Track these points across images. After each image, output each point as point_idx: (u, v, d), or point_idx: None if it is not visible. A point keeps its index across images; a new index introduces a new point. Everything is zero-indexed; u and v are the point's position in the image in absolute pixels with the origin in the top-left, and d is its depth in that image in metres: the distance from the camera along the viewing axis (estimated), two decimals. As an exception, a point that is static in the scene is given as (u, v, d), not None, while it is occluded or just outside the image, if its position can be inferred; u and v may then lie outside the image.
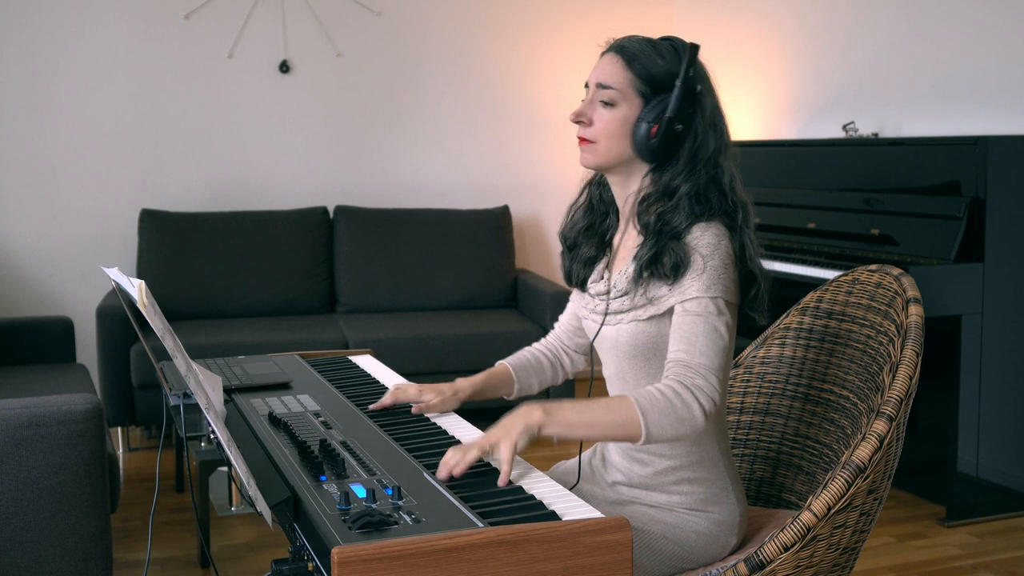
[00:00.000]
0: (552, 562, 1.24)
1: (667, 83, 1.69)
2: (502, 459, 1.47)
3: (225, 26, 4.77)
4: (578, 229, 1.87)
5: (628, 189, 1.77)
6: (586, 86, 1.76)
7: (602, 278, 1.80)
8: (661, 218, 1.68)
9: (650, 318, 1.68)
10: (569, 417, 1.55)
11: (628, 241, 1.77)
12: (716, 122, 1.73)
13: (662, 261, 1.64)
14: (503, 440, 1.49)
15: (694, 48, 1.69)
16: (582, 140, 1.74)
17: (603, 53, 1.76)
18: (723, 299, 1.62)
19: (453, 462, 1.46)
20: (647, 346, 1.70)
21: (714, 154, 1.71)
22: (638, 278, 1.67)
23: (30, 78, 4.53)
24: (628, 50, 1.72)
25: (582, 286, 1.84)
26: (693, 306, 1.61)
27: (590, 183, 1.88)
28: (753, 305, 1.71)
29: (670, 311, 1.66)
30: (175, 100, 4.74)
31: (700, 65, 1.72)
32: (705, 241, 1.64)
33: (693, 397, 1.54)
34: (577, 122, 1.74)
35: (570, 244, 1.88)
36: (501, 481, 1.44)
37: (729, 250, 1.66)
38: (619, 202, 1.81)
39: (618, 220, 1.84)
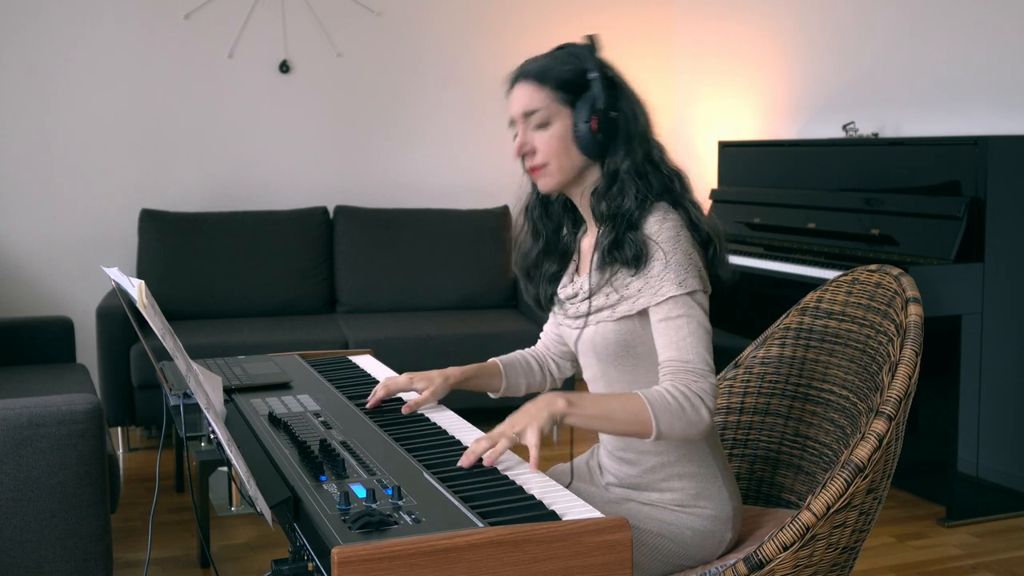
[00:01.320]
0: (552, 562, 1.24)
1: (582, 81, 1.72)
2: (529, 444, 1.50)
3: (225, 26, 4.77)
4: (531, 258, 1.89)
5: (583, 190, 1.79)
6: (511, 124, 1.78)
7: (572, 281, 1.83)
8: (611, 204, 1.71)
9: (620, 319, 1.70)
10: (589, 410, 1.59)
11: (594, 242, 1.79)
12: (636, 98, 1.76)
13: (623, 248, 1.67)
14: (529, 426, 1.52)
15: (594, 38, 1.74)
16: (534, 170, 1.75)
17: (510, 88, 1.77)
18: (700, 291, 1.65)
19: (481, 450, 1.50)
20: (619, 345, 1.72)
21: (644, 128, 1.75)
22: (602, 264, 1.70)
23: (30, 78, 4.53)
24: (532, 71, 1.73)
25: (551, 301, 1.86)
26: (672, 307, 1.64)
27: (527, 208, 1.90)
28: (715, 262, 1.73)
29: (643, 312, 1.68)
30: (175, 100, 4.74)
31: (601, 53, 1.75)
32: (664, 236, 1.66)
33: (700, 401, 1.58)
34: (522, 155, 1.75)
35: (526, 271, 1.90)
36: (531, 466, 1.48)
37: (689, 239, 1.68)
38: (582, 210, 1.82)
39: (577, 228, 1.87)
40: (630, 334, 1.70)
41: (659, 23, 5.40)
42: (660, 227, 1.67)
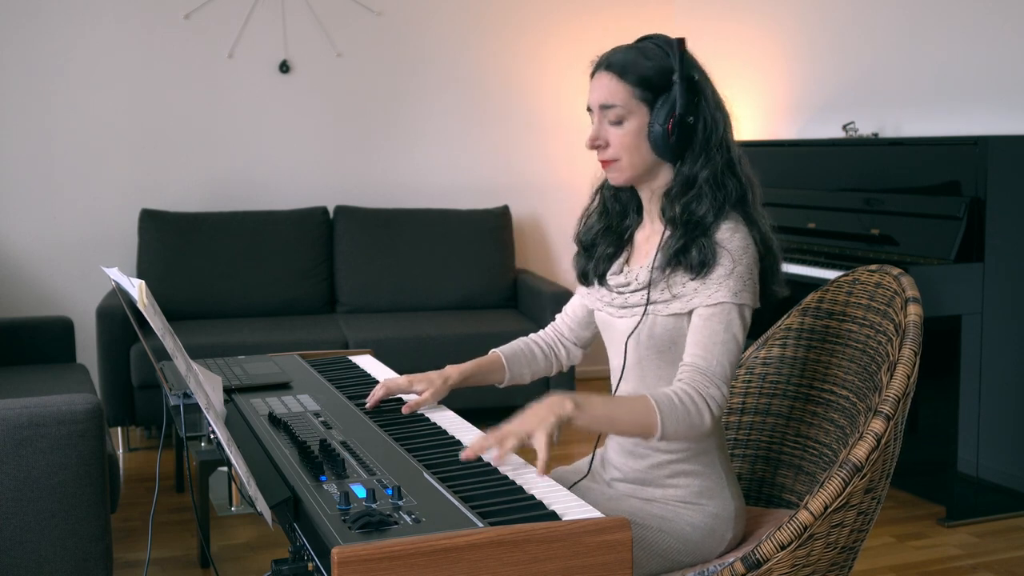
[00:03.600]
0: (552, 562, 1.24)
1: (663, 81, 1.72)
2: (539, 448, 1.50)
3: (225, 26, 4.77)
4: (595, 232, 1.90)
5: (654, 187, 1.80)
6: (588, 110, 1.78)
7: (622, 271, 1.83)
8: (686, 209, 1.71)
9: (671, 315, 1.71)
10: (598, 412, 1.59)
11: (653, 237, 1.80)
12: (718, 103, 1.78)
13: (690, 254, 1.68)
14: (538, 430, 1.51)
15: (681, 42, 1.73)
16: (605, 163, 1.77)
17: (593, 73, 1.78)
18: (748, 306, 1.68)
19: (487, 446, 1.50)
20: (664, 340, 1.73)
21: (724, 134, 1.76)
22: (664, 267, 1.71)
23: (31, 78, 4.53)
24: (616, 63, 1.73)
25: (600, 279, 1.86)
26: (718, 312, 1.66)
27: (602, 187, 1.91)
28: (775, 279, 1.77)
29: (693, 312, 1.69)
30: (175, 100, 4.74)
31: (688, 54, 1.74)
32: (735, 245, 1.68)
33: (706, 405, 1.61)
34: (594, 147, 1.76)
35: (587, 245, 1.91)
36: (540, 470, 1.47)
37: (755, 254, 1.70)
38: (645, 201, 1.84)
39: (639, 218, 1.87)
40: (676, 331, 1.72)
41: (659, 23, 5.40)
42: (732, 236, 1.69)
